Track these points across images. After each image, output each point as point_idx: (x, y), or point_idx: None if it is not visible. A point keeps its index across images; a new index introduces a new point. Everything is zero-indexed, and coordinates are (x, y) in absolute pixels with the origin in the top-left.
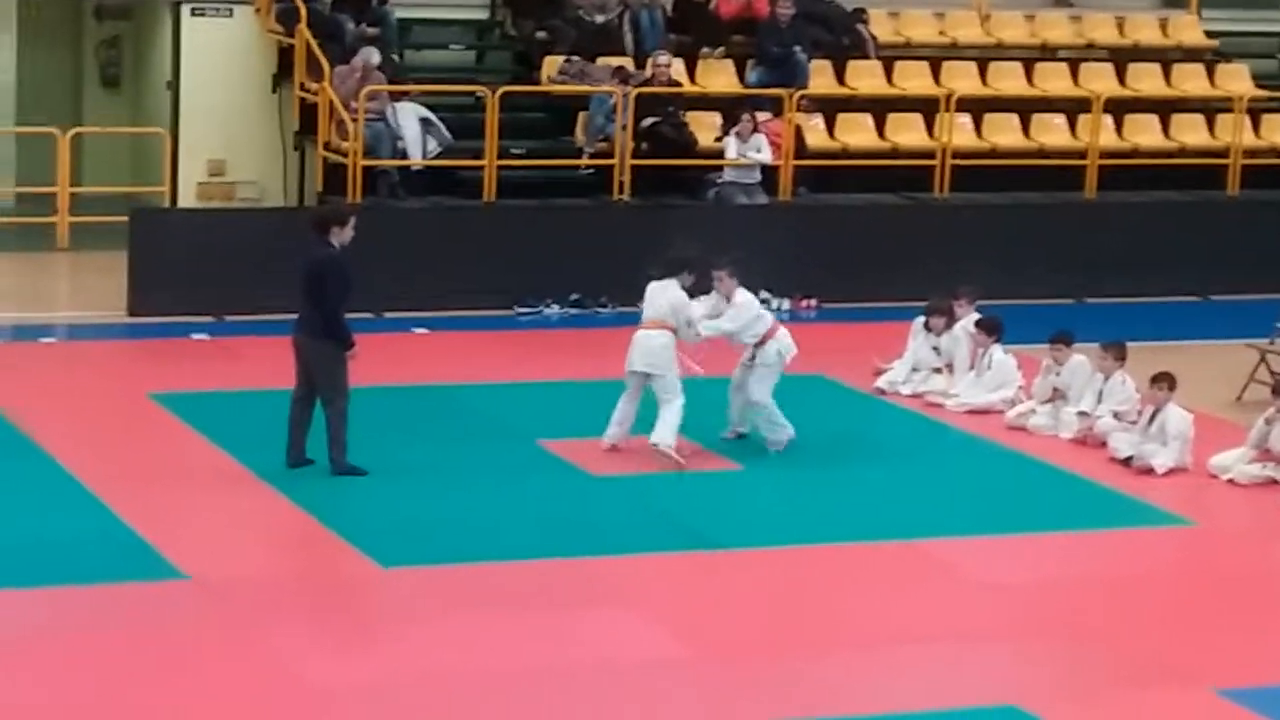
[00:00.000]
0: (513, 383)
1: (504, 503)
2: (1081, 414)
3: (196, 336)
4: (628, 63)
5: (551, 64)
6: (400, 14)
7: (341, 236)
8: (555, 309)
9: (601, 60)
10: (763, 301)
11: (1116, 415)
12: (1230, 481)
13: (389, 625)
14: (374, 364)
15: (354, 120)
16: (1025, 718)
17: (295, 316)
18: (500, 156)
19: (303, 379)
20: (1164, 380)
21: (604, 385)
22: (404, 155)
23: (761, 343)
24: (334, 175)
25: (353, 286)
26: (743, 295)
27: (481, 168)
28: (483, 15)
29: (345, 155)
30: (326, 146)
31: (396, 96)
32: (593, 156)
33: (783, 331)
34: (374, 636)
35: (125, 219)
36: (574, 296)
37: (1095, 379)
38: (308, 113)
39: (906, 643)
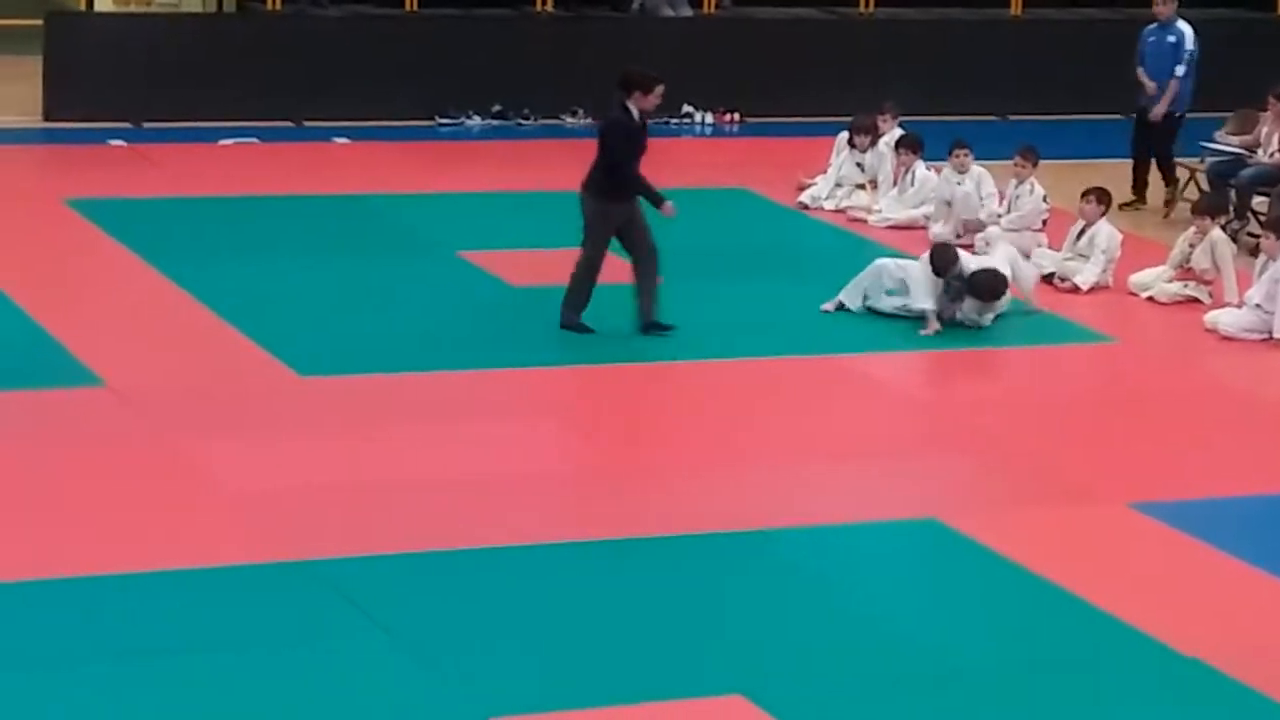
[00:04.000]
0: (433, 194)
1: (423, 313)
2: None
3: (113, 143)
4: None
5: None
6: None
7: (643, 103)
8: (477, 120)
9: None
10: (685, 115)
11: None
12: (1150, 299)
13: (306, 433)
14: (294, 173)
15: None
16: (945, 530)
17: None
18: None
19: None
20: (1093, 194)
21: (524, 196)
22: None
23: None
24: None
25: (636, 152)
26: None
27: None
28: None
29: None
30: None
31: None
32: None
33: None
34: (291, 444)
35: (40, 23)
36: (496, 108)
37: (1008, 186)
38: None
39: (828, 456)
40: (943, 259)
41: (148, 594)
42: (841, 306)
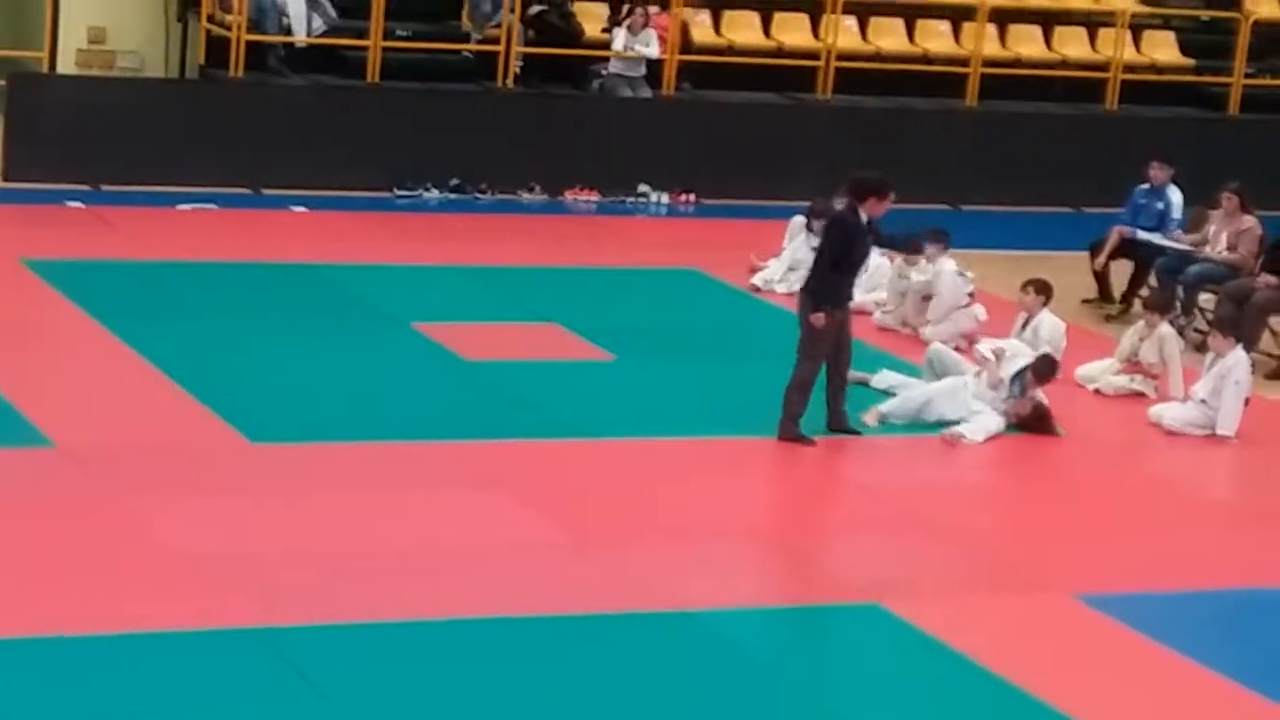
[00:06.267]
0: (389, 265)
1: (376, 383)
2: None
3: (71, 204)
4: None
5: None
6: None
7: (876, 209)
8: (434, 193)
9: None
10: (641, 195)
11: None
12: (1097, 392)
13: (256, 500)
14: (250, 240)
15: None
16: (889, 617)
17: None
18: (386, 38)
19: None
20: (1033, 285)
21: (480, 270)
22: (289, 31)
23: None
24: (217, 49)
25: (857, 257)
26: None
27: (366, 48)
28: None
29: (229, 29)
30: (210, 19)
31: None
32: (479, 43)
33: None
34: (241, 510)
35: (2, 83)
36: (454, 181)
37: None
38: None
39: (773, 537)
40: (1053, 368)
41: (92, 657)
42: (884, 418)
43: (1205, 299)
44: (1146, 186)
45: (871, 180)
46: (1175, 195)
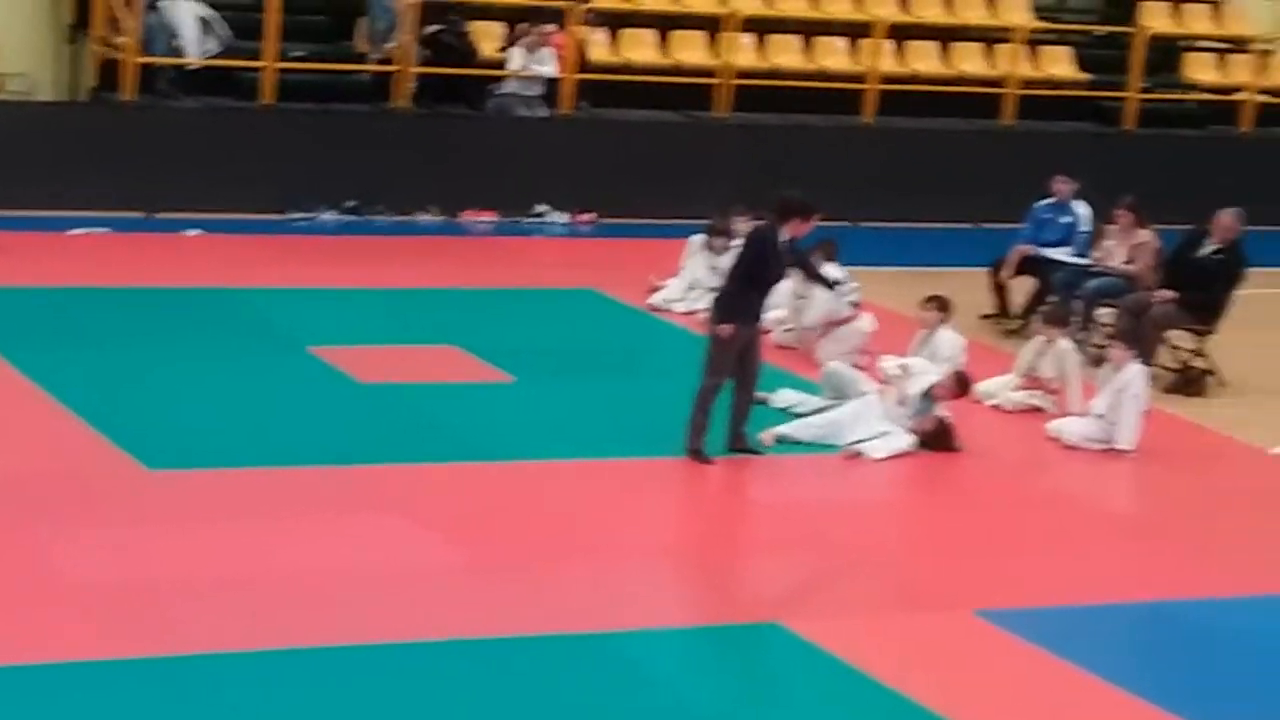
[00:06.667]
0: (284, 288)
1: (273, 408)
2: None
3: None
4: None
5: None
6: None
7: (799, 230)
8: (330, 215)
9: None
10: (538, 215)
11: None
12: (996, 407)
13: (153, 527)
14: (145, 264)
15: (129, 7)
16: (788, 635)
17: None
18: (280, 59)
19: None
20: (934, 301)
21: (376, 293)
22: (179, 53)
23: None
24: (108, 71)
25: (772, 275)
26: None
27: (260, 69)
28: None
29: (120, 51)
30: (101, 41)
31: None
32: (375, 63)
33: None
34: (138, 537)
35: None
36: (350, 203)
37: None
38: (83, 5)
39: (671, 557)
40: (966, 384)
41: None
42: (781, 439)
43: (1103, 313)
44: (1049, 201)
45: (797, 201)
46: (1083, 209)
